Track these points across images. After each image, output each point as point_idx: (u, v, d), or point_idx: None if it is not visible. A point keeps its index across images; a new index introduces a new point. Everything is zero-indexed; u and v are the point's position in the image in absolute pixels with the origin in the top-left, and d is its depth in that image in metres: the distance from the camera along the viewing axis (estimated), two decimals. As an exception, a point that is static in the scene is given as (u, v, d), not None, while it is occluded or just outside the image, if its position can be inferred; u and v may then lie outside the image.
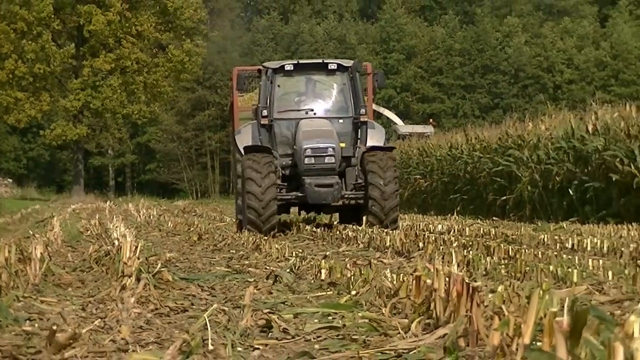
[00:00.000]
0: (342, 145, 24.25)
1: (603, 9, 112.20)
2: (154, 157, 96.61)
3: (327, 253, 16.83)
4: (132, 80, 76.52)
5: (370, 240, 19.53)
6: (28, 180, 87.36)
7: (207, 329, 7.28)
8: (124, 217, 32.72)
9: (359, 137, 24.81)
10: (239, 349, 6.99)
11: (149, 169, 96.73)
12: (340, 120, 24.76)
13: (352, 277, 11.25)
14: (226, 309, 9.04)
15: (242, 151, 24.03)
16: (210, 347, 6.87)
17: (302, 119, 24.48)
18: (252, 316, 8.33)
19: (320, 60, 26.62)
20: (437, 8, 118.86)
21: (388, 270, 11.85)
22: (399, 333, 7.46)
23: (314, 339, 7.63)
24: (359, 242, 19.91)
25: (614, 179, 30.17)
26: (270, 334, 7.87)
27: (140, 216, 35.68)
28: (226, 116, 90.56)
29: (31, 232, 20.78)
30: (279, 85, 24.73)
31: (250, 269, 14.10)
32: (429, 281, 8.05)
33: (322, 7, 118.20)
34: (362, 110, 24.61)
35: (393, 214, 23.77)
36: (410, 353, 6.57)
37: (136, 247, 12.61)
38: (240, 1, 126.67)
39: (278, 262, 14.93)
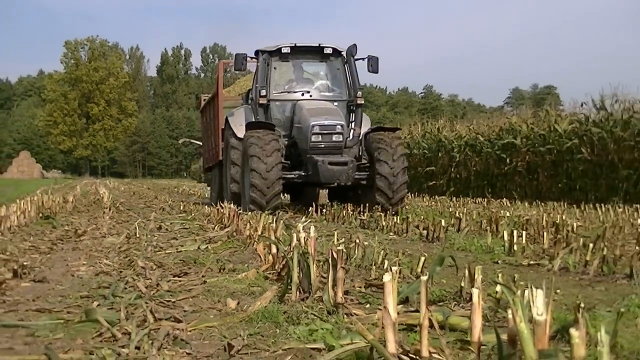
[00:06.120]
0: None
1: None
2: (116, 162, 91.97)
3: (182, 200, 16.41)
4: (108, 133, 74.32)
5: (201, 195, 19.11)
6: (67, 171, 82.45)
7: (136, 228, 6.97)
8: (104, 185, 31.08)
9: (351, 119, 10.49)
10: (148, 236, 6.71)
11: (115, 167, 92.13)
12: (335, 103, 10.48)
13: (192, 209, 10.98)
14: (143, 221, 8.69)
15: (237, 131, 10.53)
16: (137, 235, 6.58)
17: (298, 100, 10.44)
18: (154, 223, 8.03)
19: (317, 44, 10.67)
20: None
21: (207, 207, 11.63)
22: (210, 230, 7.31)
23: (178, 232, 7.39)
24: (196, 196, 19.45)
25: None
26: (161, 230, 7.59)
27: (110, 185, 33.94)
28: (144, 140, 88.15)
29: (68, 191, 19.50)
30: (275, 68, 10.63)
31: (153, 205, 13.57)
32: (222, 210, 7.90)
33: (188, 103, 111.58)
34: (359, 93, 10.46)
35: (400, 204, 9.78)
36: (214, 237, 6.43)
37: (109, 197, 11.98)
38: (149, 102, 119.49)
39: (165, 203, 14.43)
